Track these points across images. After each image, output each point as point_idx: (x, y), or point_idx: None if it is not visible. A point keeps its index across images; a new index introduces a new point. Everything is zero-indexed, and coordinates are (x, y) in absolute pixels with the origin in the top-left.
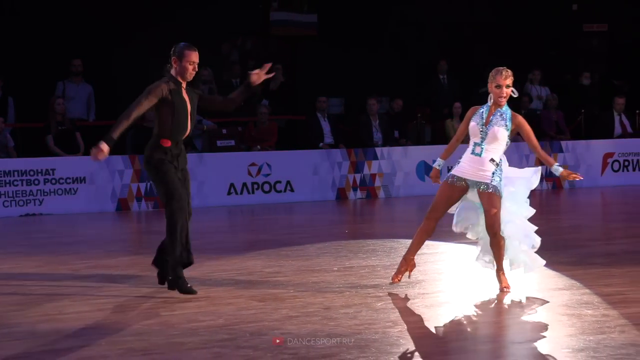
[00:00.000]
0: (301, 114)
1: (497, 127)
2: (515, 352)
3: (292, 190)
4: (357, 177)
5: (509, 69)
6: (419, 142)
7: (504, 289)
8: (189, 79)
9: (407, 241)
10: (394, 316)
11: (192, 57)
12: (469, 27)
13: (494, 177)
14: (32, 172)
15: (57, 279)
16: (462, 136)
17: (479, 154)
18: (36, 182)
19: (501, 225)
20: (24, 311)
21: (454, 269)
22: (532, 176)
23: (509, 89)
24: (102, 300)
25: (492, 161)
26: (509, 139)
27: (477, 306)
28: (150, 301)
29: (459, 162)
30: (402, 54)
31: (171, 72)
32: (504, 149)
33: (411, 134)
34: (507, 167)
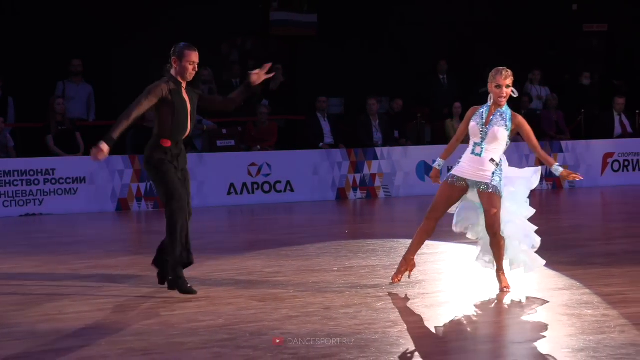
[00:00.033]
0: (301, 114)
1: (497, 127)
2: (515, 352)
3: (292, 190)
4: (357, 177)
5: (509, 69)
6: (418, 142)
7: (504, 289)
8: (189, 79)
9: (407, 241)
10: (394, 316)
11: (192, 57)
12: (469, 27)
13: (494, 177)
14: (32, 172)
15: (57, 279)
16: (462, 136)
17: (479, 154)
18: (36, 182)
19: (501, 225)
20: (23, 311)
21: (454, 269)
22: (532, 176)
23: (509, 89)
24: (102, 300)
25: (492, 161)
26: (509, 139)
27: (477, 306)
28: (150, 301)
29: (459, 162)
30: (402, 54)
31: (171, 72)
32: (504, 149)
33: (411, 134)
34: (507, 167)
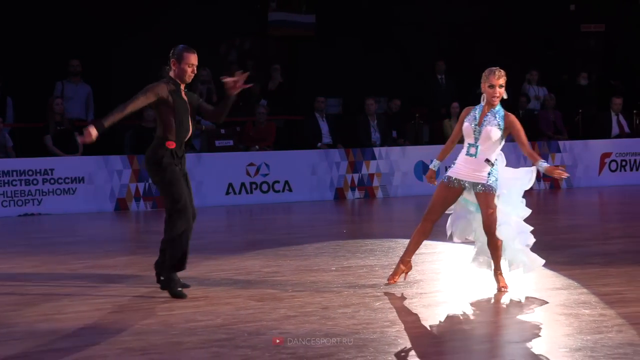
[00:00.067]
0: (299, 114)
1: (489, 127)
2: (512, 352)
3: (290, 190)
4: (355, 177)
5: (502, 69)
6: (416, 142)
7: (501, 289)
8: (188, 81)
9: (405, 241)
10: (391, 316)
11: (191, 59)
12: (467, 28)
13: (489, 177)
14: (30, 172)
15: (55, 279)
16: (457, 137)
17: (474, 155)
18: (35, 182)
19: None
20: (22, 311)
21: (451, 269)
22: (525, 176)
23: (502, 89)
24: (101, 300)
25: (487, 161)
26: (503, 138)
27: (475, 306)
28: (148, 301)
29: (455, 163)
30: (400, 55)
31: (170, 74)
32: (499, 148)
33: (409, 134)
34: (503, 167)
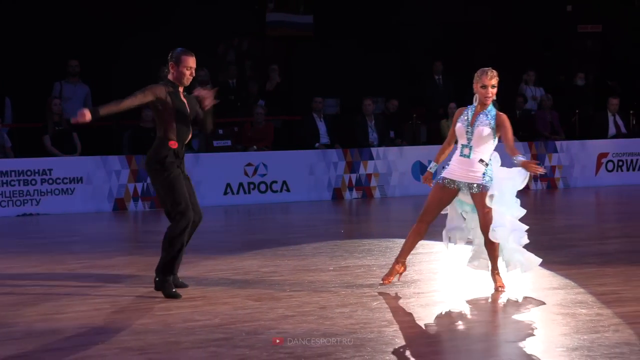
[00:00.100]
0: (297, 114)
1: (482, 127)
2: (509, 351)
3: (288, 190)
4: (353, 177)
5: (494, 70)
6: (414, 142)
7: (498, 289)
8: (186, 84)
9: (403, 241)
10: (389, 315)
11: (189, 62)
12: (464, 28)
13: (484, 177)
14: (29, 172)
15: (54, 279)
16: (453, 139)
17: (468, 156)
18: (33, 182)
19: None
20: (20, 311)
21: (448, 269)
22: (519, 176)
23: (495, 89)
24: (99, 299)
25: (481, 162)
26: (495, 138)
27: (472, 305)
28: (146, 301)
29: (449, 164)
30: (397, 55)
31: (168, 77)
32: (492, 148)
33: (407, 134)
34: (498, 167)
